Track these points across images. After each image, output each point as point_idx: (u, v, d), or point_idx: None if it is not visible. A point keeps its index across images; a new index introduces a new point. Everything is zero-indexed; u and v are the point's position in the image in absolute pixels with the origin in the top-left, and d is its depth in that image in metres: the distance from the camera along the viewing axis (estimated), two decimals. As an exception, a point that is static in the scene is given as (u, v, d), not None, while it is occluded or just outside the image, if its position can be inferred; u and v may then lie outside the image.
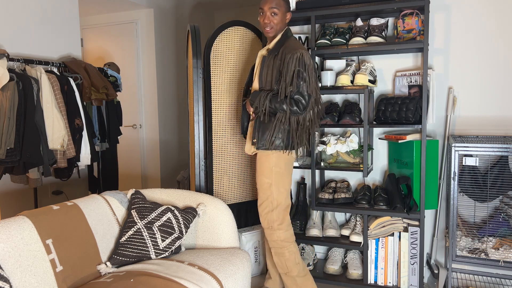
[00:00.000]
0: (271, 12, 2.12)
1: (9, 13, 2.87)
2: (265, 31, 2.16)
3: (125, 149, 4.80)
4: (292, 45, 2.10)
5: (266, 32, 2.17)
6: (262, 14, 2.15)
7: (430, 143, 2.40)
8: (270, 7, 2.12)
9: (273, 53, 2.13)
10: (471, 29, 2.49)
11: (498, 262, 2.19)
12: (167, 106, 4.81)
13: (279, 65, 2.08)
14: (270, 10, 2.12)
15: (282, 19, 2.16)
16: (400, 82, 2.57)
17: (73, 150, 2.79)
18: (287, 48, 2.09)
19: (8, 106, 2.48)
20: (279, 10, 2.12)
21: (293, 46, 2.09)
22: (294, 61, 2.02)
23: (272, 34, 2.16)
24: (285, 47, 2.10)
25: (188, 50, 2.85)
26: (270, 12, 2.12)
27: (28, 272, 1.53)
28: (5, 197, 2.86)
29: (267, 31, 2.15)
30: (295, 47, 2.07)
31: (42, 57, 3.11)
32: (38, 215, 1.70)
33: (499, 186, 2.24)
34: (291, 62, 2.03)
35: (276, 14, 2.12)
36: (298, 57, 2.03)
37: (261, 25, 2.18)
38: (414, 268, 2.40)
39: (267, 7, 2.13)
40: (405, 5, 2.31)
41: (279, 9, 2.12)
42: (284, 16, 2.16)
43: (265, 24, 2.14)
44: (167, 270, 1.78)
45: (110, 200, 2.11)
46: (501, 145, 2.12)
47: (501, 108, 2.46)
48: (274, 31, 2.15)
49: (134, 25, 4.65)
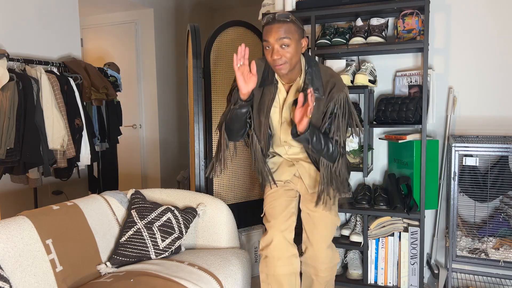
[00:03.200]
0: (281, 44, 1.65)
1: (9, 13, 2.86)
2: (276, 68, 1.70)
3: (125, 149, 4.80)
4: (334, 79, 1.78)
5: (278, 69, 1.71)
6: (269, 48, 1.69)
7: (430, 143, 2.40)
8: (279, 37, 1.64)
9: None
10: (471, 29, 2.49)
11: (498, 262, 2.19)
12: (167, 106, 4.81)
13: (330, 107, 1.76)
14: (278, 42, 1.65)
15: (297, 49, 1.69)
16: (400, 82, 2.57)
17: (73, 150, 2.79)
18: (330, 82, 1.76)
19: (8, 106, 2.48)
20: (291, 39, 1.65)
21: (336, 80, 1.78)
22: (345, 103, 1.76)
23: (286, 70, 1.71)
24: (328, 82, 1.77)
25: (188, 50, 2.85)
26: (279, 44, 1.65)
27: (28, 272, 1.53)
28: (5, 197, 2.86)
29: (279, 67, 1.69)
30: (339, 82, 1.77)
31: (42, 57, 3.11)
32: (38, 215, 1.70)
33: (499, 186, 2.24)
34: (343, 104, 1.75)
35: (287, 46, 1.65)
36: (345, 98, 1.76)
37: (268, 62, 1.72)
38: (414, 268, 2.40)
39: (273, 38, 1.65)
40: (405, 5, 2.31)
41: (291, 38, 1.65)
42: (298, 45, 1.69)
43: (275, 60, 1.68)
44: (167, 270, 1.78)
45: (110, 200, 2.11)
46: (501, 145, 2.12)
47: (501, 108, 2.46)
48: (289, 67, 1.70)
49: (134, 25, 4.65)
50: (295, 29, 1.67)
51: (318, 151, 1.74)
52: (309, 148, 1.73)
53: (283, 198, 1.95)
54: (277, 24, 1.65)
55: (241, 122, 1.80)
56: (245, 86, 1.66)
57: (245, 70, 1.64)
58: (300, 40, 1.71)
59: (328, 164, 1.82)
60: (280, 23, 1.65)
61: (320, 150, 1.75)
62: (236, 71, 1.63)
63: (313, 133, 1.69)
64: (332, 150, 1.77)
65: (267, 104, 1.82)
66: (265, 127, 1.84)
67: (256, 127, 1.88)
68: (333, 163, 1.82)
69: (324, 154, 1.77)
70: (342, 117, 1.76)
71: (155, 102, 4.64)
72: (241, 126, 1.83)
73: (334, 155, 1.79)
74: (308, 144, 1.69)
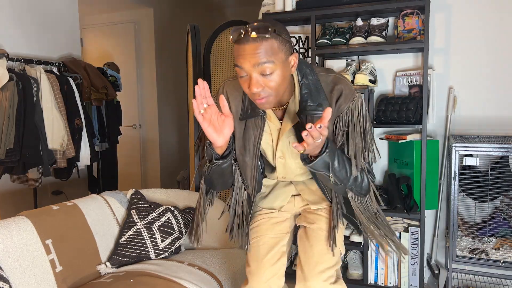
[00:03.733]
0: (261, 71, 1.13)
1: (9, 13, 2.86)
2: (257, 102, 1.19)
3: (124, 149, 4.80)
4: (339, 85, 1.29)
5: (259, 104, 1.20)
6: (244, 77, 1.16)
7: (430, 143, 2.40)
8: (257, 63, 1.11)
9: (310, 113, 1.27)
10: (471, 29, 2.48)
11: (498, 262, 2.19)
12: (167, 106, 4.81)
13: (339, 123, 1.29)
14: (257, 69, 1.12)
15: (284, 73, 1.17)
16: (401, 82, 2.57)
17: (72, 150, 2.79)
18: (335, 91, 1.28)
19: (7, 106, 2.47)
20: (275, 63, 1.13)
21: (342, 86, 1.28)
22: (361, 114, 1.29)
23: (271, 104, 1.21)
24: (333, 91, 1.29)
25: (188, 50, 2.85)
26: (259, 71, 1.13)
27: (27, 272, 1.53)
28: (5, 197, 2.86)
29: (261, 101, 1.18)
30: (346, 88, 1.28)
31: (42, 57, 3.10)
32: (38, 215, 1.70)
33: (499, 186, 2.23)
34: (358, 117, 1.28)
35: (270, 74, 1.14)
36: (359, 108, 1.29)
37: (246, 93, 1.21)
38: (415, 268, 2.40)
39: (249, 64, 1.12)
40: (405, 4, 2.30)
41: (274, 62, 1.13)
42: (285, 66, 1.17)
43: (254, 94, 1.17)
44: (167, 270, 1.78)
45: (109, 200, 2.11)
46: (502, 145, 2.12)
47: (502, 108, 2.46)
48: (275, 99, 1.20)
49: (134, 25, 4.65)
50: (279, 46, 1.13)
51: (343, 180, 1.23)
52: (330, 179, 1.21)
53: (270, 235, 1.48)
54: (253, 44, 1.10)
55: (225, 176, 1.36)
56: (218, 137, 1.22)
57: (213, 114, 1.20)
58: (288, 58, 1.17)
59: (362, 200, 1.33)
60: (257, 42, 1.10)
61: (345, 179, 1.23)
62: (201, 121, 1.18)
63: (333, 154, 1.18)
64: (362, 177, 1.27)
65: (254, 141, 1.34)
66: (253, 173, 1.38)
67: (240, 167, 1.40)
68: (366, 195, 1.32)
69: (352, 185, 1.26)
70: (360, 133, 1.28)
71: (155, 102, 4.63)
72: (228, 178, 1.39)
73: (365, 183, 1.29)
74: (328, 171, 1.18)
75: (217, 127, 1.22)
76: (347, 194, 1.31)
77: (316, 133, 1.05)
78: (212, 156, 1.29)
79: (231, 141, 1.31)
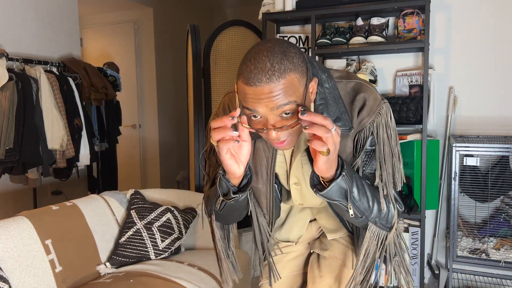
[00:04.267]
0: (280, 113, 0.89)
1: (9, 12, 2.86)
2: (278, 146, 0.95)
3: (124, 149, 4.79)
4: (362, 93, 1.03)
5: (279, 147, 0.96)
6: (257, 118, 0.92)
7: (430, 143, 2.39)
8: (275, 107, 0.87)
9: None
10: (471, 29, 2.48)
11: (499, 262, 2.18)
12: (167, 106, 4.80)
13: (360, 140, 1.05)
14: (275, 111, 0.88)
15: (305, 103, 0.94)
16: (401, 81, 2.56)
17: (72, 150, 2.78)
18: (357, 101, 1.03)
19: (7, 106, 2.47)
20: (297, 100, 0.88)
21: (366, 94, 1.03)
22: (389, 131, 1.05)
23: (292, 145, 0.96)
24: (354, 101, 1.04)
25: (188, 49, 2.84)
26: (278, 114, 0.89)
27: (27, 272, 1.53)
28: (5, 197, 2.85)
29: (282, 145, 0.94)
30: (370, 96, 1.04)
31: (42, 57, 3.10)
32: (38, 216, 1.70)
33: (499, 186, 2.23)
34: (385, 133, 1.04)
35: (290, 113, 0.89)
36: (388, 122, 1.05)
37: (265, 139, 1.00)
38: (415, 268, 2.39)
39: (265, 109, 0.88)
40: (405, 4, 2.30)
41: (296, 101, 0.88)
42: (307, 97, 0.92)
43: (274, 139, 0.93)
44: (167, 270, 1.77)
45: (109, 201, 2.10)
46: (502, 145, 2.12)
47: (502, 108, 2.45)
48: (297, 138, 0.96)
49: (133, 25, 4.64)
50: (299, 79, 0.89)
51: (364, 212, 1.00)
52: (348, 210, 0.99)
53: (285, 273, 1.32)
54: (268, 85, 0.86)
55: (240, 209, 1.13)
56: (238, 168, 0.97)
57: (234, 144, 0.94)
58: (308, 85, 0.92)
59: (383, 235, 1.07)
60: (274, 82, 0.85)
61: (367, 210, 1.00)
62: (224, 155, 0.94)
63: (351, 178, 0.96)
64: (387, 207, 1.04)
65: (266, 165, 1.13)
66: (269, 200, 1.19)
67: (255, 194, 1.20)
68: (392, 228, 1.07)
69: (376, 217, 1.03)
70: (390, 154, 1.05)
71: (155, 102, 4.63)
72: (243, 210, 1.16)
73: (391, 214, 1.05)
74: (345, 200, 0.96)
75: (234, 155, 0.96)
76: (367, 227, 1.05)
77: (319, 119, 0.83)
78: (228, 190, 1.03)
79: (247, 168, 1.04)
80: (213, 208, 1.11)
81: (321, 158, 0.88)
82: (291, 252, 1.31)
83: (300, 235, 1.31)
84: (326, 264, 1.20)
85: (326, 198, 0.96)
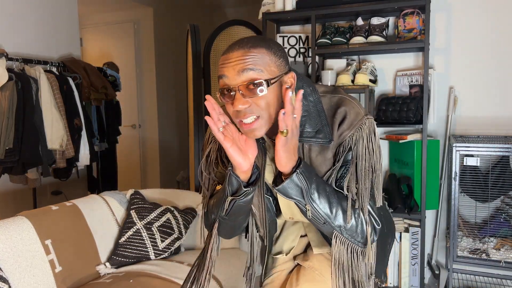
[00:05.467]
0: (247, 80, 0.93)
1: (8, 12, 2.85)
2: (245, 128, 0.97)
3: (124, 149, 4.79)
4: (343, 107, 1.05)
5: (247, 131, 0.98)
6: (228, 93, 0.96)
7: (431, 143, 2.39)
8: (242, 69, 0.93)
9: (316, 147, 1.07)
10: (472, 29, 2.48)
11: (499, 262, 2.18)
12: (167, 106, 4.80)
13: (340, 153, 1.06)
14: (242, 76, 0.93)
15: (276, 93, 0.97)
16: (401, 81, 2.56)
17: (72, 150, 2.78)
18: (338, 114, 1.05)
19: (7, 106, 2.47)
20: (265, 72, 0.94)
21: (347, 108, 1.05)
22: (369, 147, 1.05)
23: (262, 132, 0.98)
24: (335, 115, 1.06)
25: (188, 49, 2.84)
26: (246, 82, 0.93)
27: (27, 272, 1.52)
28: (4, 197, 2.85)
29: (248, 127, 0.96)
30: (352, 110, 1.05)
31: (41, 57, 3.10)
32: (37, 216, 1.69)
33: (500, 186, 2.23)
34: (365, 149, 1.04)
35: (258, 87, 0.93)
36: (369, 137, 1.05)
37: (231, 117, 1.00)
38: (415, 268, 2.39)
39: (232, 72, 0.94)
40: (406, 4, 2.30)
41: (263, 72, 0.94)
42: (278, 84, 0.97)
43: (239, 112, 0.96)
44: (167, 271, 1.77)
45: (109, 201, 2.10)
46: (502, 145, 2.11)
47: (503, 108, 2.45)
48: (267, 124, 0.98)
49: (133, 25, 4.64)
50: (271, 58, 0.95)
51: (326, 217, 1.01)
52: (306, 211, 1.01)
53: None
54: (240, 50, 0.94)
55: (245, 213, 1.12)
56: (243, 160, 1.00)
57: (233, 132, 0.99)
58: (282, 77, 0.98)
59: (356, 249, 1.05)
60: (245, 48, 0.94)
61: (329, 216, 1.01)
62: (222, 140, 0.97)
63: (309, 178, 0.98)
64: (355, 220, 1.02)
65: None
66: (261, 212, 1.18)
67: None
68: (364, 245, 1.05)
69: (339, 226, 1.02)
70: (367, 170, 1.04)
71: (155, 102, 4.63)
72: (247, 216, 1.16)
73: (360, 229, 1.03)
74: (302, 199, 0.99)
75: (241, 147, 1.00)
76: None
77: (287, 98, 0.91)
78: (238, 186, 1.03)
79: (255, 166, 1.06)
80: (217, 214, 1.10)
81: (280, 140, 0.93)
82: (287, 269, 1.30)
83: (291, 247, 1.30)
84: (304, 273, 1.18)
85: (282, 193, 0.99)
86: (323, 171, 1.07)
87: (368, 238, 1.04)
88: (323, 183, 1.03)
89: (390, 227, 1.27)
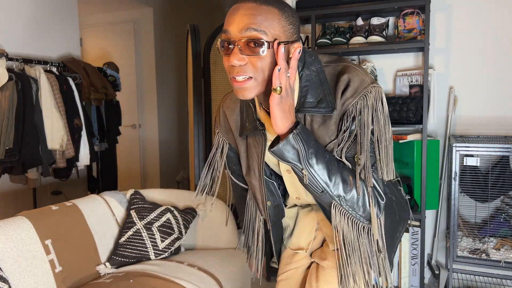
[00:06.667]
0: (248, 38, 0.89)
1: (8, 12, 2.85)
2: (235, 85, 0.94)
3: (124, 149, 4.79)
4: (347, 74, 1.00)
5: (237, 90, 0.95)
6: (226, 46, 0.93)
7: (431, 143, 2.39)
8: (245, 27, 0.89)
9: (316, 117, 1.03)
10: (472, 29, 2.48)
11: (499, 262, 2.18)
12: (167, 106, 4.80)
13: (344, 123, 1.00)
14: (244, 34, 0.89)
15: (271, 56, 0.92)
16: (401, 81, 2.56)
17: (72, 150, 2.78)
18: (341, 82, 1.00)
19: (7, 106, 2.47)
20: (268, 34, 0.90)
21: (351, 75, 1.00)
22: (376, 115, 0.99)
23: (252, 93, 0.94)
24: (339, 83, 1.00)
25: (188, 49, 2.84)
26: (246, 39, 0.89)
27: (27, 272, 1.52)
28: (4, 197, 2.85)
29: (240, 86, 0.93)
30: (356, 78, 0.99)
31: (41, 57, 3.10)
32: (37, 216, 1.69)
33: (500, 186, 2.23)
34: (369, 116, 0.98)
35: (258, 47, 0.89)
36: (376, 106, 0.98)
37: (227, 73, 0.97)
38: (415, 268, 2.39)
39: (236, 27, 0.90)
40: (405, 4, 2.30)
41: (266, 33, 0.90)
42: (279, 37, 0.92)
43: (232, 68, 0.93)
44: (167, 270, 1.77)
45: (109, 201, 2.10)
46: (503, 145, 2.12)
47: (503, 108, 2.45)
48: (260, 86, 0.94)
49: (133, 25, 4.64)
50: (280, 20, 0.91)
51: (324, 185, 0.96)
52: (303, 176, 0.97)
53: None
54: (248, 3, 0.90)
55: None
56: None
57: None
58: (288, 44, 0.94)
59: (359, 224, 1.01)
60: (255, 2, 0.90)
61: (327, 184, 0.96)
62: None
63: (307, 141, 0.94)
64: (357, 191, 0.97)
65: (257, 160, 1.13)
66: (262, 196, 1.18)
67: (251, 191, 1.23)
68: (367, 220, 1.00)
69: (339, 196, 0.97)
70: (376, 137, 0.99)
71: (155, 102, 4.63)
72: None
73: (362, 201, 0.98)
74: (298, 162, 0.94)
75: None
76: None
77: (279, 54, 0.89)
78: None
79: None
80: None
81: (274, 98, 0.90)
82: (303, 266, 1.27)
83: (309, 241, 1.27)
84: (323, 274, 1.15)
85: (278, 155, 0.94)
86: (326, 142, 1.02)
87: (372, 213, 0.99)
88: (323, 150, 0.98)
89: (403, 215, 1.22)
